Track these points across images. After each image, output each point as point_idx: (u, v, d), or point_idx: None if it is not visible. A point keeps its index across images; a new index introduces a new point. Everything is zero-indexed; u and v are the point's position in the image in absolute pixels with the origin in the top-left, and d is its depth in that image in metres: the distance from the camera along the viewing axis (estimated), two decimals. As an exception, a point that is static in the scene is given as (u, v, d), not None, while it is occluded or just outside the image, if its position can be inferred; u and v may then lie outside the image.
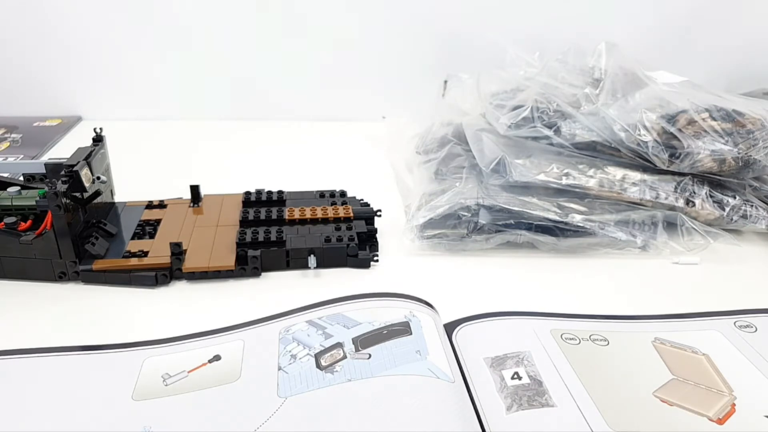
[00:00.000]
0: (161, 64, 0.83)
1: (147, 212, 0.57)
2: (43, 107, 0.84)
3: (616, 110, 0.57)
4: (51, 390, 0.38)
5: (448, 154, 0.63)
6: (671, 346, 0.42)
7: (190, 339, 0.42)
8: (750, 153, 0.53)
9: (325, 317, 0.43)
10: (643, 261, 0.54)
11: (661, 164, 0.55)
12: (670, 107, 0.57)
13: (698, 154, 0.54)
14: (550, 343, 0.42)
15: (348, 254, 0.52)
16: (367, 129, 0.80)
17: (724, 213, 0.55)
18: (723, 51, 0.85)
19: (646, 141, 0.55)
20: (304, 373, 0.38)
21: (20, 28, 0.79)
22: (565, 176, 0.55)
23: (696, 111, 0.56)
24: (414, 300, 0.45)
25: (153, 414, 0.36)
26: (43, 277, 0.48)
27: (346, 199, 0.59)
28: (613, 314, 0.46)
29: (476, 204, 0.54)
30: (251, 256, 0.50)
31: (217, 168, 0.71)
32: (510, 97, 0.62)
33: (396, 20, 0.81)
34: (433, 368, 0.37)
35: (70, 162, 0.49)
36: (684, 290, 0.50)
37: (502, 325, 0.44)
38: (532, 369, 0.39)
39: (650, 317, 0.46)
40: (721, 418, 0.36)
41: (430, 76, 0.78)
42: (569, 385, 0.38)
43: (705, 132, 0.54)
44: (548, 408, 0.36)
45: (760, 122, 0.55)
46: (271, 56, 0.83)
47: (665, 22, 0.83)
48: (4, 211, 0.49)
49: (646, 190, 0.55)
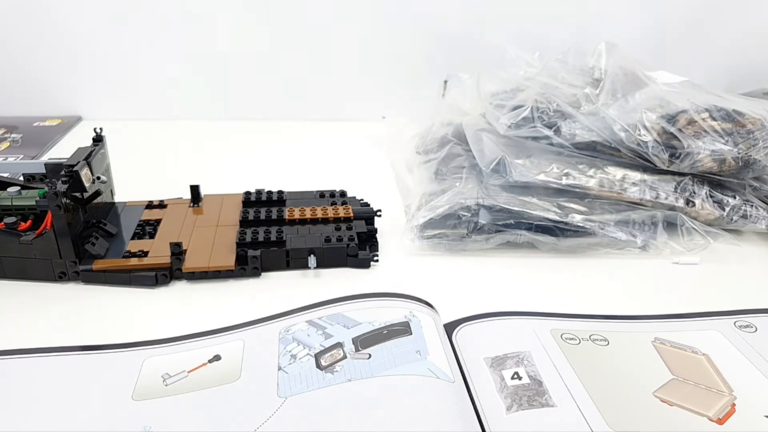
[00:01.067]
0: (161, 64, 0.83)
1: (147, 212, 0.57)
2: (43, 107, 0.84)
3: (616, 110, 0.57)
4: (51, 390, 0.38)
5: (448, 154, 0.63)
6: (671, 346, 0.42)
7: (190, 339, 0.42)
8: (750, 153, 0.53)
9: (325, 317, 0.43)
10: (643, 261, 0.54)
11: (661, 164, 0.55)
12: (670, 107, 0.57)
13: (698, 154, 0.54)
14: (550, 343, 0.42)
15: (348, 254, 0.52)
16: (367, 129, 0.80)
17: (724, 213, 0.55)
18: (723, 51, 0.85)
19: (646, 141, 0.55)
20: (304, 373, 0.38)
21: (20, 28, 0.79)
22: (565, 176, 0.55)
23: (696, 111, 0.56)
24: (414, 300, 0.45)
25: (153, 414, 0.36)
26: (43, 277, 0.48)
27: (346, 199, 0.59)
28: (613, 314, 0.46)
29: (476, 204, 0.54)
30: (251, 256, 0.50)
31: (217, 168, 0.71)
32: (510, 97, 0.62)
33: (396, 20, 0.81)
34: (433, 368, 0.37)
35: (70, 162, 0.49)
36: (684, 290, 0.50)
37: (502, 325, 0.44)
38: (532, 369, 0.39)
39: (650, 317, 0.46)
40: (721, 418, 0.36)
41: (430, 76, 0.78)
42: (569, 385, 0.38)
43: (705, 132, 0.54)
44: (548, 408, 0.36)
45: (760, 122, 0.55)
46: (271, 56, 0.83)
47: (665, 22, 0.83)
48: (4, 211, 0.49)
49: (646, 190, 0.55)
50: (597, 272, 0.52)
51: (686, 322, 0.46)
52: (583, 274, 0.52)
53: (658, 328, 0.45)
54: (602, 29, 0.82)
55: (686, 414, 0.37)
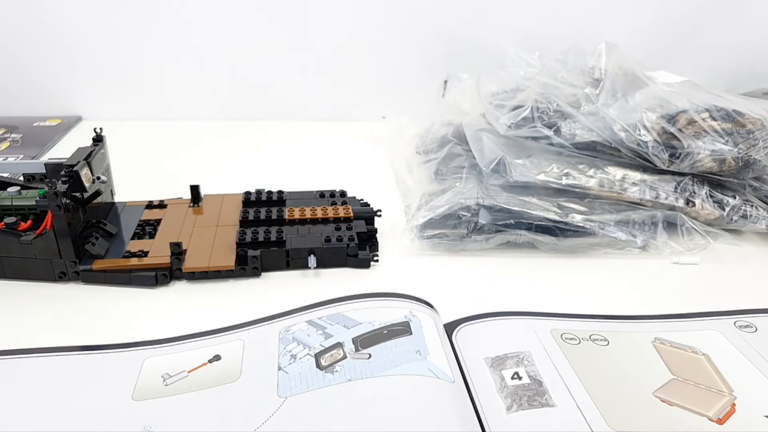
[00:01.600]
0: (161, 64, 0.83)
1: (147, 212, 0.57)
2: (43, 107, 0.84)
3: (616, 110, 0.57)
4: (51, 390, 0.38)
5: (448, 154, 0.63)
6: (671, 346, 0.42)
7: (190, 339, 0.42)
8: (750, 153, 0.53)
9: (325, 317, 0.43)
10: (643, 261, 0.54)
11: (661, 164, 0.55)
12: (670, 107, 0.57)
13: (698, 154, 0.54)
14: (550, 343, 0.42)
15: (348, 254, 0.52)
16: (367, 129, 0.80)
17: (724, 213, 0.55)
18: (723, 51, 0.85)
19: (646, 141, 0.55)
20: (304, 373, 0.38)
21: (20, 28, 0.79)
22: (565, 176, 0.55)
23: (696, 111, 0.56)
24: (414, 300, 0.45)
25: (153, 414, 0.36)
26: (43, 277, 0.48)
27: (346, 199, 0.59)
28: (613, 314, 0.46)
29: (476, 204, 0.54)
30: (251, 256, 0.50)
31: (217, 168, 0.71)
32: (510, 97, 0.62)
33: (396, 20, 0.81)
34: (433, 368, 0.37)
35: (70, 162, 0.49)
36: (684, 290, 0.50)
37: (502, 325, 0.44)
38: (532, 369, 0.39)
39: (650, 317, 0.46)
40: (721, 418, 0.36)
41: (430, 76, 0.78)
42: (569, 385, 0.38)
43: (705, 132, 0.54)
44: (548, 408, 0.36)
45: (760, 122, 0.55)
46: (271, 56, 0.83)
47: (665, 22, 0.83)
48: (4, 211, 0.48)
49: (646, 190, 0.55)
50: (597, 272, 0.52)
51: (686, 322, 0.46)
52: (583, 274, 0.52)
53: (658, 328, 0.44)
54: (602, 29, 0.82)
55: (686, 414, 0.37)
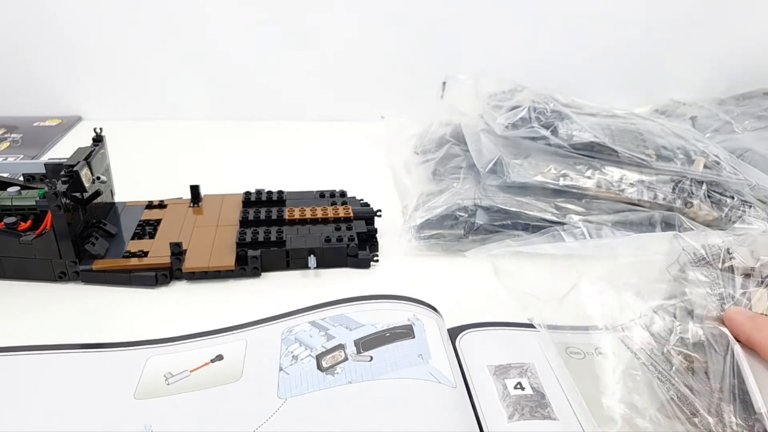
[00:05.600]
0: (161, 64, 0.83)
1: (147, 212, 0.57)
2: (43, 107, 0.84)
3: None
4: (53, 387, 0.38)
5: (446, 154, 0.63)
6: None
7: (193, 339, 0.42)
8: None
9: (328, 318, 0.43)
10: (641, 261, 0.54)
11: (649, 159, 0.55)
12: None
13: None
14: (554, 356, 0.41)
15: (348, 254, 0.52)
16: (366, 129, 0.80)
17: (722, 213, 0.55)
18: (723, 51, 0.85)
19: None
20: (304, 374, 0.38)
21: (20, 28, 0.79)
22: (563, 177, 0.55)
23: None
24: (418, 303, 0.44)
25: (154, 413, 0.36)
26: (43, 277, 0.49)
27: (346, 199, 0.59)
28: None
29: (473, 204, 0.54)
30: (251, 256, 0.50)
31: (217, 168, 0.71)
32: (508, 97, 0.62)
33: (395, 20, 0.81)
34: (435, 372, 0.37)
35: (70, 162, 0.49)
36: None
37: (506, 334, 0.43)
38: (535, 381, 0.39)
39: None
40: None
41: (429, 76, 0.78)
42: (572, 400, 0.37)
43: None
44: (550, 421, 0.36)
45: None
46: (271, 56, 0.83)
47: (665, 23, 0.83)
48: (4, 211, 0.49)
49: (644, 191, 0.55)
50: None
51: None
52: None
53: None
54: (602, 30, 0.82)
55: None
